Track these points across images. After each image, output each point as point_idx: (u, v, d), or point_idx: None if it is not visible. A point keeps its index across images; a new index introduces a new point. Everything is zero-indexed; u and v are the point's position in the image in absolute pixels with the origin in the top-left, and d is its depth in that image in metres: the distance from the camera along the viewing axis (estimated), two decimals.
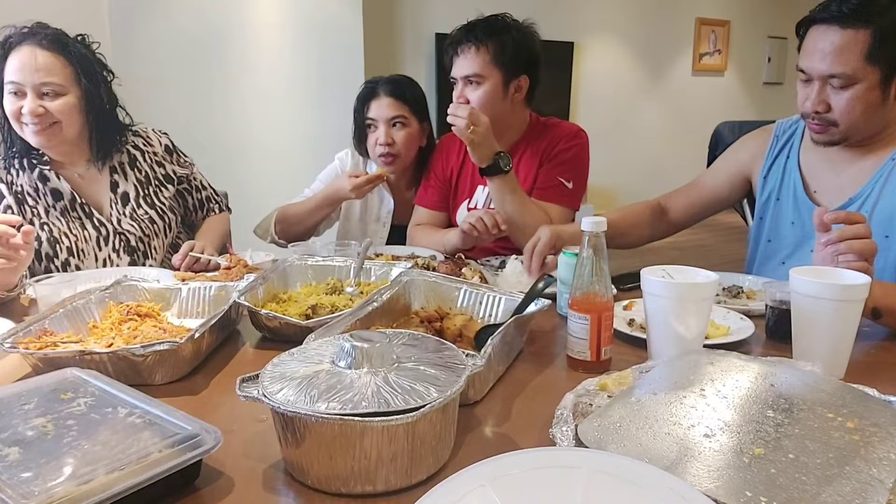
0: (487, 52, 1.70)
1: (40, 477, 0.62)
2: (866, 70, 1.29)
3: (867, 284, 0.97)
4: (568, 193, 1.80)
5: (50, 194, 1.63)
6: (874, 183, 1.39)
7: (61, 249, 1.61)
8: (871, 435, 0.68)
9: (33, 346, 0.99)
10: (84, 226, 1.64)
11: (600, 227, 1.01)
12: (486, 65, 1.71)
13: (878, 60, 1.28)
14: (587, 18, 6.59)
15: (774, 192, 1.58)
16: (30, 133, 1.53)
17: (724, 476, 0.62)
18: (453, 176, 1.95)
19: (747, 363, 0.85)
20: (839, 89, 1.32)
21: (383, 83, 1.99)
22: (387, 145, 1.95)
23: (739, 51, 7.77)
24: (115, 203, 1.69)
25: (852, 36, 1.28)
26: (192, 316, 1.26)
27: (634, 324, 1.20)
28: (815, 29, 1.33)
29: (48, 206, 1.62)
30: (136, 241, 1.69)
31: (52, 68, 1.52)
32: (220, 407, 0.94)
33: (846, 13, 1.28)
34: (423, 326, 1.12)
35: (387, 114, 1.95)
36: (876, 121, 1.37)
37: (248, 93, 4.23)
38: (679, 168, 7.37)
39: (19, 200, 1.60)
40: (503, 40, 1.71)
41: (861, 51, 1.28)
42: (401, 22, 5.53)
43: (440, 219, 1.98)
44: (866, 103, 1.32)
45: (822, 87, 1.34)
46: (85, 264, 1.64)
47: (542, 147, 1.82)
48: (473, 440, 0.83)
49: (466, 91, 1.74)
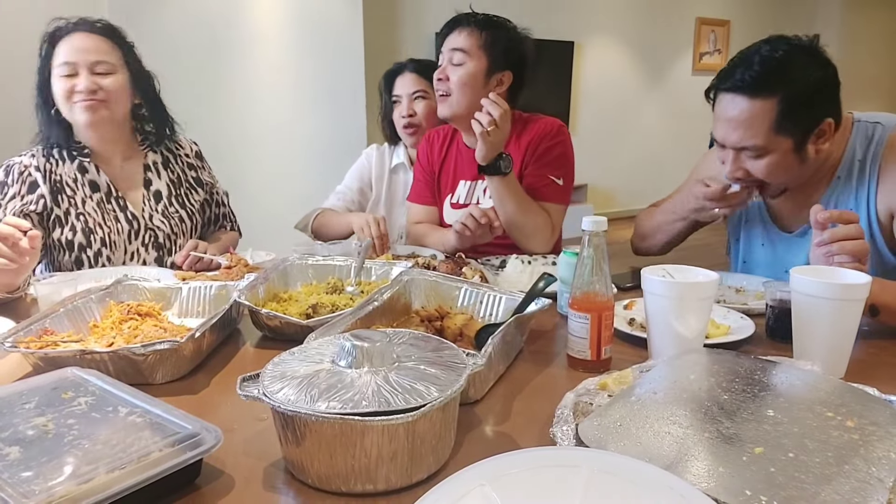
0: (480, 36, 1.74)
1: (41, 476, 0.62)
2: (777, 140, 1.26)
3: (868, 284, 0.97)
4: (560, 190, 1.81)
5: (88, 185, 1.66)
6: (826, 200, 1.38)
7: (94, 240, 1.63)
8: (871, 434, 0.68)
9: (34, 345, 0.99)
10: (118, 219, 1.68)
11: (600, 226, 1.01)
12: (475, 47, 1.74)
13: (786, 130, 1.25)
14: (587, 18, 6.59)
15: (743, 214, 1.57)
16: (80, 110, 1.57)
17: (724, 475, 0.62)
18: (436, 171, 1.97)
19: (747, 362, 0.85)
20: (754, 158, 1.30)
21: (410, 62, 2.16)
22: (409, 116, 2.10)
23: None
24: (148, 200, 1.73)
25: (759, 106, 1.24)
26: (192, 315, 1.26)
27: (635, 323, 1.20)
28: (723, 97, 1.30)
29: (85, 197, 1.66)
30: (163, 238, 1.72)
31: (103, 49, 1.61)
32: (221, 406, 0.94)
33: (748, 81, 1.24)
34: (424, 326, 1.12)
35: (409, 88, 2.10)
36: (802, 174, 1.34)
37: (248, 93, 4.23)
38: (679, 168, 7.35)
39: (57, 189, 1.63)
40: (498, 33, 1.76)
41: (769, 123, 1.25)
42: (401, 22, 5.53)
43: (434, 214, 1.99)
44: (785, 167, 1.30)
45: (737, 155, 1.32)
46: (115, 256, 1.67)
47: (525, 142, 1.82)
48: (474, 439, 0.83)
49: (448, 69, 1.76)
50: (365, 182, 2.24)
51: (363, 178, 2.24)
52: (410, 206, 2.03)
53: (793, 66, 1.24)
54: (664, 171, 7.31)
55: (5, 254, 1.21)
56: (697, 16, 7.38)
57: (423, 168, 1.99)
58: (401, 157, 2.20)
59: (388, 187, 2.23)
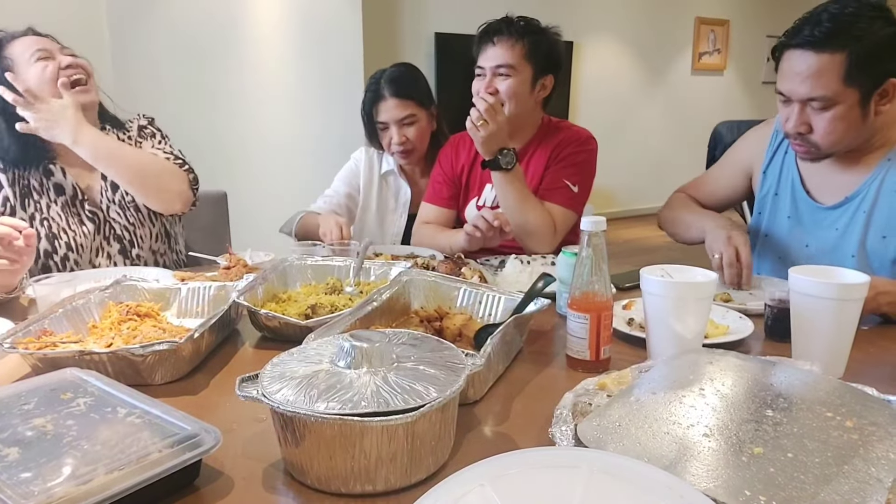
0: (524, 46, 1.74)
1: (40, 477, 0.62)
2: (845, 92, 1.29)
3: (866, 284, 0.97)
4: (572, 196, 1.81)
5: (53, 189, 1.65)
6: (870, 184, 1.40)
7: (60, 245, 1.63)
8: (870, 434, 0.68)
9: (33, 346, 0.99)
10: (83, 221, 1.66)
11: (599, 226, 1.01)
12: (520, 58, 1.74)
13: (855, 81, 1.28)
14: (587, 18, 6.60)
15: (773, 187, 1.58)
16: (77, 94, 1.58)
17: (723, 475, 0.62)
18: (464, 173, 1.96)
19: (746, 362, 0.85)
20: (820, 111, 1.32)
21: (386, 83, 2.02)
22: (401, 144, 2.03)
23: (739, 50, 7.78)
24: (106, 190, 1.71)
25: (828, 60, 1.28)
26: (191, 316, 1.26)
27: (634, 323, 1.20)
28: (791, 53, 1.33)
29: (50, 201, 1.64)
30: (121, 230, 1.71)
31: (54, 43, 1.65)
32: (220, 407, 0.94)
33: (819, 37, 1.28)
34: (423, 326, 1.12)
35: (395, 115, 2.01)
36: (858, 136, 1.37)
37: (247, 93, 4.22)
38: (678, 167, 7.37)
39: (25, 193, 1.62)
40: (539, 39, 1.76)
41: (838, 74, 1.28)
42: (401, 22, 5.53)
43: (448, 216, 1.98)
44: (848, 122, 1.32)
45: (802, 109, 1.35)
46: (83, 258, 1.65)
47: (551, 148, 1.84)
48: (473, 440, 0.83)
49: (496, 81, 1.75)
50: (353, 186, 2.19)
51: (352, 183, 2.19)
52: (424, 205, 2.02)
53: (861, 20, 1.27)
54: (664, 170, 7.32)
55: (3, 255, 1.22)
56: (696, 15, 7.39)
57: (444, 171, 1.98)
58: (391, 164, 2.15)
59: (379, 194, 2.18)
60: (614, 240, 1.45)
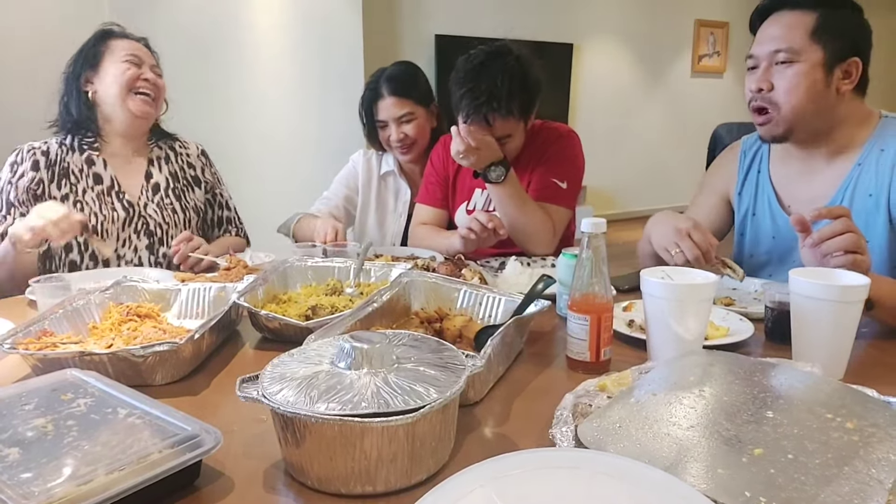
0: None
1: (40, 477, 0.62)
2: (810, 47, 1.33)
3: (866, 285, 0.97)
4: (563, 193, 1.81)
5: (91, 177, 1.73)
6: (844, 190, 1.39)
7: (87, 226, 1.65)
8: (871, 436, 0.68)
9: (33, 346, 0.99)
10: (115, 207, 1.73)
11: (599, 228, 1.01)
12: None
13: (821, 40, 1.32)
14: (586, 20, 6.60)
15: (750, 207, 1.58)
16: (139, 101, 1.71)
17: (723, 476, 0.62)
18: (451, 176, 1.96)
19: (746, 364, 0.85)
20: (783, 66, 1.35)
21: (385, 81, 2.03)
22: (400, 140, 2.04)
23: (738, 52, 7.77)
24: (146, 190, 1.79)
25: (799, 15, 1.34)
26: (191, 317, 1.26)
27: (634, 325, 1.20)
28: (767, 21, 1.40)
29: (87, 188, 1.72)
30: (154, 226, 1.77)
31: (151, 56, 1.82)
32: (220, 407, 0.94)
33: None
34: (423, 327, 1.12)
35: (394, 113, 2.02)
36: (818, 110, 1.37)
37: (248, 93, 4.23)
38: (678, 169, 7.39)
39: (62, 174, 1.70)
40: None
41: (806, 29, 1.33)
42: (401, 22, 5.54)
43: (442, 217, 1.99)
44: (810, 82, 1.34)
45: (768, 67, 1.38)
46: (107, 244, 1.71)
47: (533, 150, 1.84)
48: (473, 441, 0.83)
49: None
50: (352, 188, 2.19)
51: (350, 185, 2.19)
52: (418, 206, 2.02)
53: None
54: (663, 173, 7.33)
55: (51, 231, 1.41)
56: (696, 18, 7.39)
57: (437, 171, 1.99)
58: (391, 165, 2.15)
59: (378, 195, 2.18)
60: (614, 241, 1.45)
